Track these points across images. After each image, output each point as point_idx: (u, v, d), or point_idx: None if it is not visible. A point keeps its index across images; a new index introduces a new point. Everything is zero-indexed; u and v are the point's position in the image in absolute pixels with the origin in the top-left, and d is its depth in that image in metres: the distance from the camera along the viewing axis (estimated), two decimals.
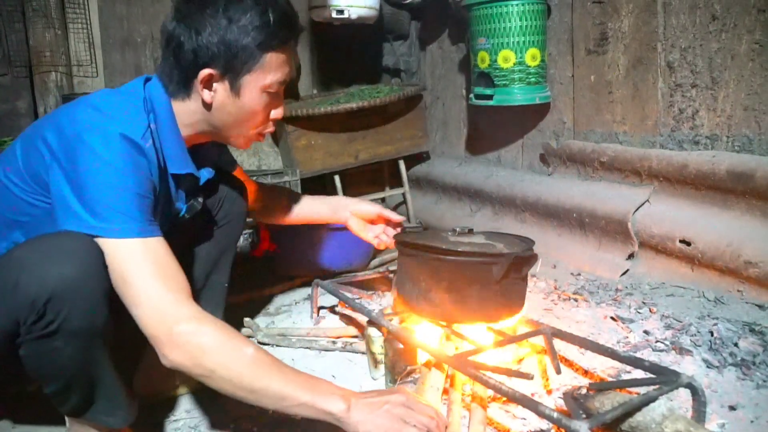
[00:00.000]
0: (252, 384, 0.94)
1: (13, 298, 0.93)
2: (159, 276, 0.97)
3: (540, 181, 2.51)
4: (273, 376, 0.95)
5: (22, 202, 1.07)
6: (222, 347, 0.95)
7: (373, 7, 2.76)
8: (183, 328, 0.94)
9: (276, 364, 0.98)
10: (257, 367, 0.95)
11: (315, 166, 2.93)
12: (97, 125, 1.02)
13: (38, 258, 0.95)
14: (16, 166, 1.07)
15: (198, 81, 1.10)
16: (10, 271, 0.95)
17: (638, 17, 2.13)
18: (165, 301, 0.96)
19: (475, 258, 1.31)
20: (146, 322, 0.96)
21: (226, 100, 1.13)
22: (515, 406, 1.21)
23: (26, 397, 1.30)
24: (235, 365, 0.94)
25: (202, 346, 0.94)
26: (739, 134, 1.87)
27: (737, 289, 1.73)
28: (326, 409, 0.94)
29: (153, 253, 1.00)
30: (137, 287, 0.96)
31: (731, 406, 1.19)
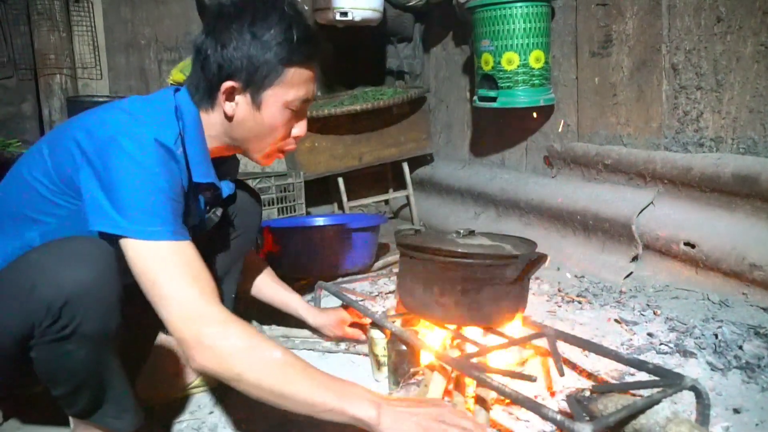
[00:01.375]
0: (281, 389, 0.92)
1: (29, 301, 0.94)
2: (189, 279, 0.97)
3: (544, 184, 2.51)
4: (302, 381, 0.94)
5: (46, 201, 1.07)
6: (251, 351, 0.94)
7: (376, 10, 2.77)
8: (212, 331, 0.93)
9: (305, 368, 0.96)
10: (286, 372, 0.94)
11: (319, 168, 2.93)
12: (131, 129, 1.02)
13: (55, 262, 0.96)
14: (44, 167, 1.07)
15: (221, 93, 1.12)
16: (27, 274, 0.96)
17: (643, 19, 2.12)
18: (195, 304, 0.95)
19: (489, 260, 1.30)
20: (175, 325, 0.94)
21: (247, 113, 1.14)
22: (518, 409, 1.20)
23: (32, 398, 1.30)
24: (264, 369, 0.93)
25: (231, 350, 0.93)
26: (744, 136, 1.87)
27: (742, 292, 1.72)
28: (356, 415, 0.93)
29: (184, 257, 0.99)
30: (167, 290, 0.95)
31: (736, 409, 1.18)
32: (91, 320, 0.96)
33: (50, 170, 1.06)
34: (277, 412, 1.28)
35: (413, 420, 0.94)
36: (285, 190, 2.78)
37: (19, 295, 0.95)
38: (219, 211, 1.33)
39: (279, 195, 2.75)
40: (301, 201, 2.82)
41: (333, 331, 1.60)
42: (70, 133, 1.06)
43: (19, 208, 1.09)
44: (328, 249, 2.19)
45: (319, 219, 2.70)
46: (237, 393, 1.28)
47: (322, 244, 2.18)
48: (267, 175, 2.76)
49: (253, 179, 2.66)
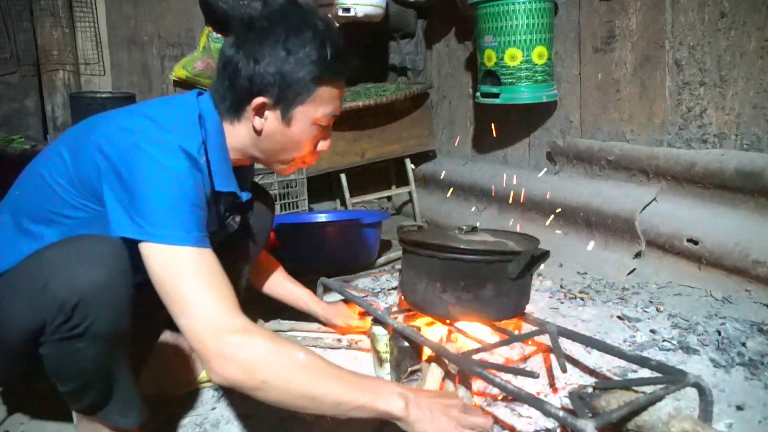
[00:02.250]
0: (308, 391, 0.91)
1: (42, 299, 0.94)
2: (210, 287, 0.95)
3: (546, 180, 2.50)
4: (328, 381, 0.93)
5: (67, 205, 1.07)
6: (274, 357, 0.92)
7: (379, 6, 2.76)
8: (233, 340, 0.91)
9: (329, 367, 0.95)
10: (311, 373, 0.93)
11: (321, 165, 2.93)
12: (156, 136, 1.02)
13: (68, 261, 0.96)
14: (66, 173, 1.06)
15: (251, 107, 1.12)
16: (41, 272, 0.96)
17: (646, 15, 2.11)
18: (215, 312, 0.93)
19: (492, 257, 1.30)
20: (194, 334, 0.92)
21: (276, 128, 1.14)
22: (521, 405, 1.20)
23: (36, 393, 1.31)
24: (289, 373, 0.92)
25: (254, 358, 0.91)
26: (748, 132, 1.86)
27: (745, 289, 1.72)
28: (385, 409, 0.93)
29: (206, 264, 0.97)
30: (189, 298, 0.93)
31: (738, 406, 1.18)
32: (102, 320, 0.97)
33: (72, 176, 1.05)
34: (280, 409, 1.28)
35: (440, 411, 0.96)
36: (288, 186, 2.78)
37: (32, 293, 0.95)
38: (238, 218, 1.34)
39: (281, 191, 2.75)
40: (304, 197, 2.82)
41: (343, 321, 1.63)
42: (92, 140, 1.05)
43: (38, 209, 1.09)
44: (330, 245, 2.19)
45: (322, 215, 2.70)
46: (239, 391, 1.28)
47: (325, 241, 2.19)
48: (269, 171, 2.76)
49: (256, 175, 2.66)
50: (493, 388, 1.19)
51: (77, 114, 2.77)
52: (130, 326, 1.02)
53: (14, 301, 0.98)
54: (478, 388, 1.26)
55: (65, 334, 0.96)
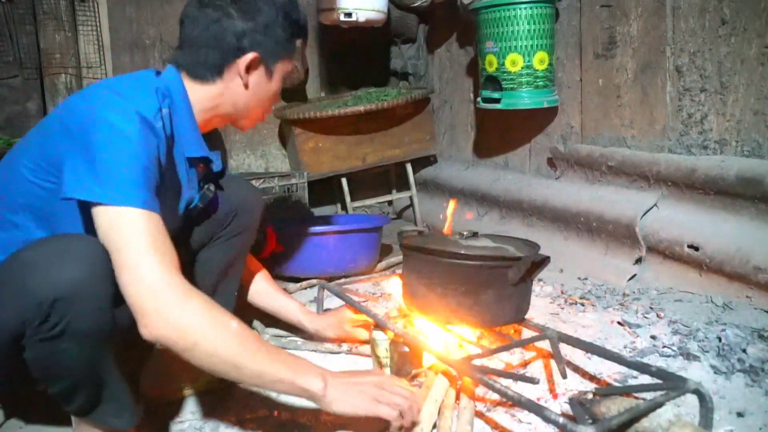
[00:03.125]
0: (235, 358, 0.96)
1: (21, 299, 0.94)
2: (154, 248, 0.97)
3: (547, 185, 2.50)
4: (255, 352, 0.97)
5: (32, 185, 1.07)
6: (208, 321, 0.96)
7: (381, 11, 2.77)
8: (171, 301, 0.94)
9: (258, 340, 1.00)
10: (241, 342, 0.97)
11: (322, 169, 2.94)
12: (112, 102, 1.04)
13: (46, 260, 0.96)
14: (29, 151, 1.09)
15: (239, 64, 1.17)
16: (19, 272, 0.96)
17: (647, 21, 2.12)
18: (157, 272, 0.95)
19: (492, 262, 1.30)
20: (134, 290, 0.94)
21: (261, 82, 1.21)
22: (521, 411, 1.20)
23: (33, 397, 1.30)
24: (220, 339, 0.95)
25: (189, 320, 0.94)
26: (749, 139, 1.86)
27: (746, 295, 1.72)
28: (304, 386, 0.98)
29: (153, 226, 0.99)
30: (131, 256, 0.95)
31: (739, 412, 1.18)
32: (83, 319, 0.96)
33: (35, 152, 1.07)
34: (282, 413, 1.28)
35: (357, 389, 1.02)
36: (288, 190, 2.78)
37: (12, 293, 0.95)
38: (212, 186, 1.35)
39: (282, 195, 2.76)
40: (305, 201, 2.82)
41: (334, 332, 1.59)
42: (54, 113, 1.11)
43: (13, 199, 1.09)
44: (331, 249, 2.19)
45: (323, 219, 2.70)
46: (239, 394, 1.29)
47: (326, 245, 2.19)
48: (270, 175, 2.76)
49: (257, 179, 2.66)
50: (493, 393, 1.19)
51: None
52: (112, 324, 1.01)
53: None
54: (478, 394, 1.26)
55: (46, 335, 0.95)
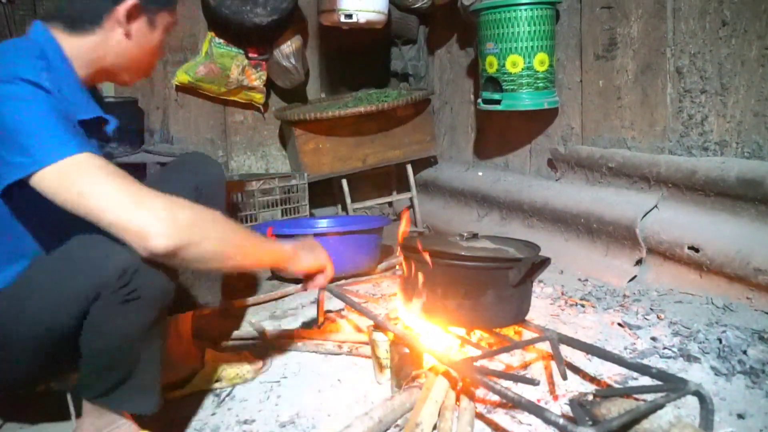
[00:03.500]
0: (236, 239, 1.08)
1: (102, 268, 0.99)
2: (117, 178, 0.96)
3: (548, 187, 2.51)
4: (245, 233, 1.12)
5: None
6: (206, 215, 1.03)
7: (381, 12, 2.77)
8: (163, 210, 0.96)
9: (239, 224, 1.14)
10: (233, 227, 1.09)
11: (323, 170, 2.94)
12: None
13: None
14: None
15: (120, 11, 1.11)
16: (101, 244, 0.99)
17: (647, 22, 2.12)
18: (136, 196, 0.95)
19: (492, 263, 1.30)
20: (127, 221, 0.94)
21: (143, 32, 1.16)
22: (521, 412, 1.20)
23: (31, 400, 1.31)
24: (219, 227, 1.05)
25: (192, 217, 0.99)
26: (749, 140, 1.86)
27: (746, 297, 1.72)
28: (283, 253, 1.22)
29: (101, 162, 0.97)
30: (102, 194, 0.94)
31: (740, 414, 1.18)
32: (155, 288, 1.04)
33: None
34: (284, 410, 1.28)
35: (309, 251, 1.33)
36: (289, 191, 2.78)
37: (93, 262, 0.99)
38: (114, 143, 1.34)
39: (283, 196, 2.76)
40: (305, 202, 2.82)
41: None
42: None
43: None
44: (331, 251, 2.19)
45: (323, 220, 2.70)
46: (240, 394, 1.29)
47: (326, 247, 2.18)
48: (271, 176, 2.77)
49: (257, 180, 2.66)
50: (494, 394, 1.19)
51: None
52: (171, 298, 1.09)
53: (72, 271, 1.00)
54: (478, 395, 1.26)
55: (124, 298, 1.00)
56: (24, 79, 0.98)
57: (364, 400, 1.34)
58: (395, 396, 1.24)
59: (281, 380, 1.46)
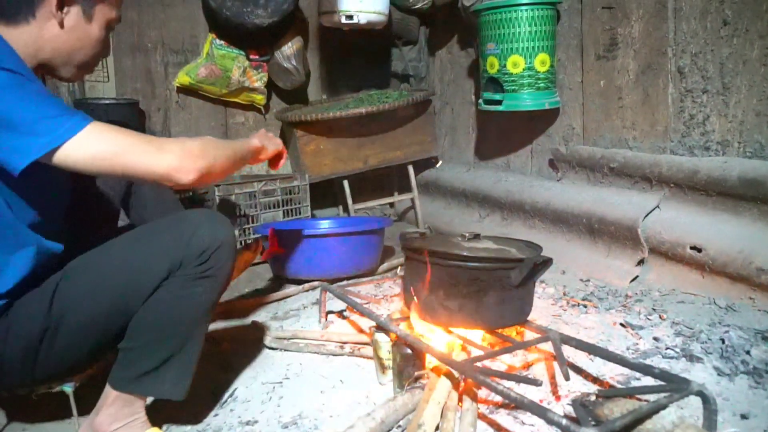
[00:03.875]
0: (229, 152, 1.26)
1: (188, 246, 1.13)
2: (132, 135, 1.08)
3: (549, 187, 2.50)
4: (229, 144, 1.33)
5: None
6: (207, 143, 1.19)
7: (382, 13, 2.77)
8: (180, 146, 1.12)
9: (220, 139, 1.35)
10: (222, 144, 1.26)
11: (324, 171, 2.94)
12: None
13: (209, 219, 1.19)
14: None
15: (52, 1, 1.10)
16: (188, 225, 1.16)
17: (648, 22, 2.12)
18: (154, 144, 1.10)
19: (494, 264, 1.30)
20: (158, 163, 1.08)
21: (78, 24, 1.15)
22: (523, 413, 1.20)
23: (35, 401, 1.31)
24: (218, 148, 1.22)
25: (202, 148, 1.16)
26: (751, 140, 1.86)
27: (749, 297, 1.71)
28: (252, 147, 1.43)
29: (109, 125, 1.07)
30: (129, 150, 1.06)
31: (743, 414, 1.17)
32: (225, 268, 1.19)
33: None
34: (286, 411, 1.28)
35: (268, 139, 1.52)
36: (290, 192, 2.78)
37: (179, 240, 1.13)
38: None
39: (284, 197, 2.76)
40: (306, 203, 2.82)
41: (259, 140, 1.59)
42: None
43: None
44: (333, 252, 2.19)
45: (325, 222, 2.70)
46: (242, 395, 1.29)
47: (327, 247, 2.19)
48: (272, 177, 2.77)
49: (258, 182, 2.66)
50: (496, 395, 1.18)
51: None
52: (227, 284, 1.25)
53: (158, 244, 1.14)
54: (480, 396, 1.26)
55: (201, 274, 1.14)
56: (4, 67, 1.00)
57: (367, 401, 1.33)
58: (397, 397, 1.24)
59: (283, 381, 1.46)
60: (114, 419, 1.15)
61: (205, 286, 1.16)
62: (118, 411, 1.15)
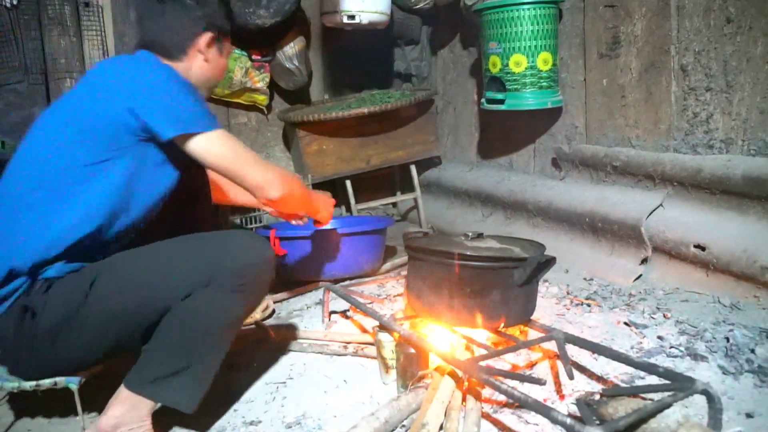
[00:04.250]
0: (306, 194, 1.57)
1: (231, 259, 1.21)
2: (247, 148, 1.35)
3: (552, 186, 2.50)
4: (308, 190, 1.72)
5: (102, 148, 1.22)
6: (294, 178, 1.49)
7: (384, 13, 2.77)
8: (281, 176, 1.38)
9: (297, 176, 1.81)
10: (304, 186, 1.60)
11: (326, 171, 2.94)
12: (151, 65, 1.31)
13: (254, 239, 1.30)
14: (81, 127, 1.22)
15: (200, 42, 1.39)
16: (234, 240, 1.26)
17: (651, 20, 2.11)
18: (257, 162, 1.34)
19: (498, 263, 1.30)
20: (260, 177, 1.33)
21: (215, 58, 1.45)
22: (528, 412, 1.20)
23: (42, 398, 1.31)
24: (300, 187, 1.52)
25: (290, 181, 1.41)
26: (755, 138, 1.85)
27: (753, 295, 1.71)
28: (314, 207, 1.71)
29: (233, 136, 1.35)
30: (241, 158, 1.31)
31: (748, 413, 1.17)
32: (259, 289, 1.29)
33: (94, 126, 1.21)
34: (290, 411, 1.28)
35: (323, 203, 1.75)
36: None
37: (225, 250, 1.23)
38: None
39: None
40: None
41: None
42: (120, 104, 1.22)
43: (70, 170, 1.21)
44: (335, 252, 2.19)
45: None
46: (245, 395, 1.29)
47: (330, 248, 2.18)
48: None
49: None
50: (500, 394, 1.18)
51: None
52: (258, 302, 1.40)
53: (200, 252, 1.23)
54: (484, 395, 1.25)
55: (234, 287, 1.20)
56: (182, 80, 1.30)
57: (370, 400, 1.33)
58: (401, 396, 1.24)
59: (287, 381, 1.46)
60: (119, 422, 1.15)
61: (237, 301, 1.23)
62: (124, 414, 1.15)
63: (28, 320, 1.15)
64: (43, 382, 1.20)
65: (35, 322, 1.15)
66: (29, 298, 1.16)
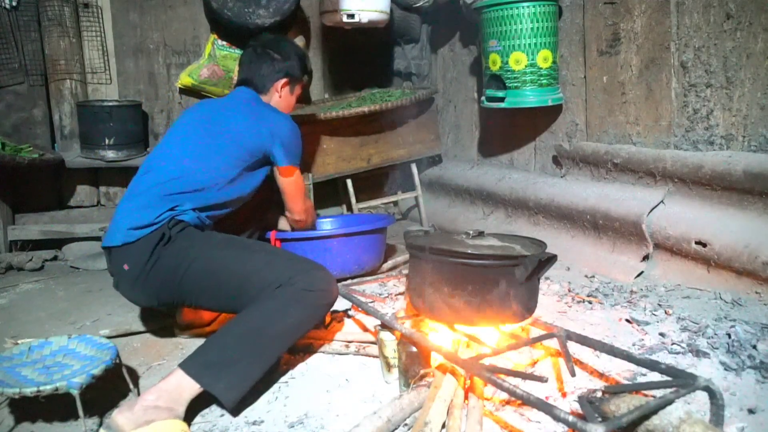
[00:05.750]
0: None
1: (306, 273, 1.45)
2: (302, 191, 2.07)
3: (553, 184, 2.50)
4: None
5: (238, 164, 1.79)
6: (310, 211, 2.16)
7: (383, 11, 2.77)
8: (309, 208, 2.15)
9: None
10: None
11: (327, 170, 2.94)
12: (282, 115, 1.95)
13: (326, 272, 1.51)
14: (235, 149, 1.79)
15: (280, 84, 2.00)
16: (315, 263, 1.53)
17: (651, 17, 2.11)
18: (301, 198, 2.06)
19: (499, 261, 1.30)
20: (297, 205, 2.06)
21: (287, 97, 2.04)
22: (530, 410, 1.20)
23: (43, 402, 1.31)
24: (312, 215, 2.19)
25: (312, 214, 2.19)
26: (756, 134, 1.85)
27: (755, 291, 1.71)
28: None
29: (301, 179, 2.05)
30: (300, 190, 2.04)
31: (750, 409, 1.17)
32: (320, 308, 1.48)
33: (243, 149, 1.80)
34: (293, 411, 1.29)
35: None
36: None
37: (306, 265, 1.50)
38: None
39: None
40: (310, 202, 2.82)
41: None
42: (266, 125, 1.85)
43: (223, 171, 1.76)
44: (336, 252, 2.19)
45: (328, 220, 2.70)
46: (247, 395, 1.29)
47: (331, 248, 2.18)
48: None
49: None
50: (502, 392, 1.18)
51: (84, 122, 2.79)
52: (318, 320, 1.55)
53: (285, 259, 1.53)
54: (486, 393, 1.25)
55: (302, 294, 1.41)
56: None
57: (373, 399, 1.34)
58: (403, 395, 1.24)
59: (289, 381, 1.46)
60: (160, 397, 1.23)
61: (299, 310, 1.41)
62: (169, 392, 1.24)
63: (160, 246, 1.53)
64: (44, 388, 1.21)
65: (165, 248, 1.53)
66: (169, 229, 1.56)
